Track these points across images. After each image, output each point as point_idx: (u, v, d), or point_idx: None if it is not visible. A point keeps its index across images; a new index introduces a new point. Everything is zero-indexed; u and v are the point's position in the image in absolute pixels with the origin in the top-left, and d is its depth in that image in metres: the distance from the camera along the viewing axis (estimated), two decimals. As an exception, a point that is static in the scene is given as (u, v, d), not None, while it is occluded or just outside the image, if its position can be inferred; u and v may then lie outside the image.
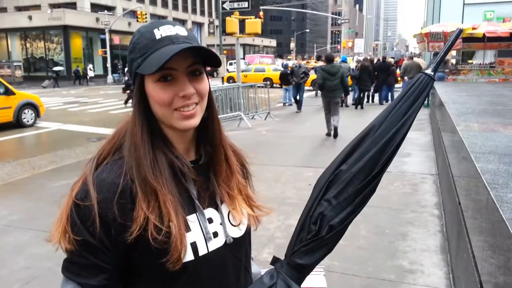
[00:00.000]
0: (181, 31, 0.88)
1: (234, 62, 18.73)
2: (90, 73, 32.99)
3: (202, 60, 0.89)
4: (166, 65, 0.82)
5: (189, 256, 0.86)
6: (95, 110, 15.59)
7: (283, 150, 8.10)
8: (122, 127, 0.94)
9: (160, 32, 0.86)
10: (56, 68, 31.63)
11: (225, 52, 26.43)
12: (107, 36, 33.38)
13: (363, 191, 0.85)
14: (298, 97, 14.13)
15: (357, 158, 0.88)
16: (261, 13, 22.11)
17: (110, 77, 33.51)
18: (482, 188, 2.09)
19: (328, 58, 9.41)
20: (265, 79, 20.66)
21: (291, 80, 14.20)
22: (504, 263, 1.58)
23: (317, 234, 0.84)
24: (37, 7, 37.94)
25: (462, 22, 19.47)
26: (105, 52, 34.19)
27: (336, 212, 0.84)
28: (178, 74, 0.86)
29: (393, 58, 19.42)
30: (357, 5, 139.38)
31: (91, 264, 0.83)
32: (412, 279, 3.21)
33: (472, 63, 15.48)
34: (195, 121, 0.89)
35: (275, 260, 0.89)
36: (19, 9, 39.00)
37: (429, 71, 0.90)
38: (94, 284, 0.83)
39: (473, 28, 13.08)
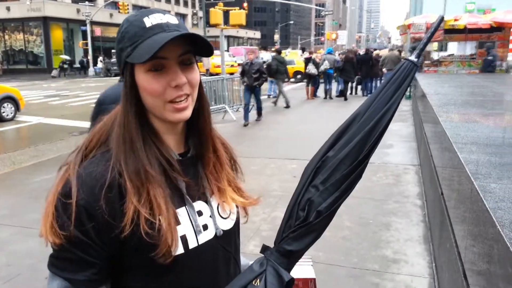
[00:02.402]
0: (171, 19, 0.86)
1: (218, 54, 18.60)
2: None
3: (195, 49, 0.87)
4: (158, 54, 0.79)
5: (179, 250, 0.85)
6: (77, 104, 15.32)
7: (268, 142, 8.10)
8: (109, 118, 0.91)
9: (151, 20, 0.83)
10: (64, 57, 31.95)
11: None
12: (88, 28, 32.72)
13: (349, 176, 0.85)
14: (252, 104, 10.33)
15: (343, 144, 0.88)
16: (245, 4, 21.98)
17: (91, 70, 32.93)
18: (465, 179, 2.12)
19: (278, 50, 13.70)
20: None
21: (242, 81, 10.25)
22: (487, 251, 1.60)
23: (305, 220, 0.84)
24: (15, -3, 37.00)
25: (444, 14, 19.71)
26: (86, 44, 33.54)
27: (323, 197, 0.84)
28: (170, 63, 0.83)
29: (375, 49, 19.50)
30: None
31: (78, 259, 0.81)
32: (396, 269, 3.25)
33: (453, 54, 15.66)
34: (188, 113, 0.88)
35: (264, 248, 0.89)
36: (-4, -1, 37.95)
37: (412, 58, 0.89)
38: (81, 279, 0.81)
39: (455, 20, 13.27)
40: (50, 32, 34.64)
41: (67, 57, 32.74)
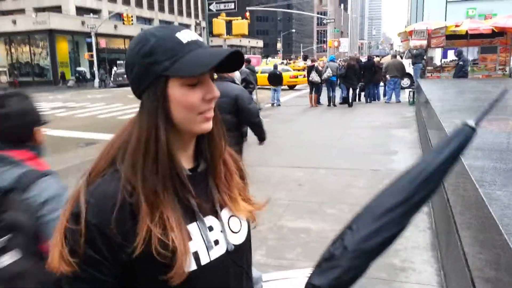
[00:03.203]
0: (197, 36, 0.90)
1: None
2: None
3: (228, 65, 0.91)
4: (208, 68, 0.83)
5: (192, 266, 0.85)
6: (83, 115, 15.43)
7: (273, 150, 8.10)
8: (117, 137, 0.91)
9: (183, 36, 0.86)
10: (79, 69, 33.08)
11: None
12: (93, 40, 33.05)
13: (383, 217, 0.86)
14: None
15: (387, 193, 0.90)
16: (247, 14, 22.10)
17: (97, 81, 33.21)
18: (470, 185, 2.12)
19: (247, 60, 12.65)
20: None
21: None
22: (494, 259, 1.60)
23: (332, 255, 0.85)
24: (21, 11, 37.44)
25: (445, 20, 19.78)
26: (92, 56, 33.86)
27: (353, 236, 0.86)
28: (205, 78, 0.87)
29: (377, 56, 19.56)
30: (342, 5, 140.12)
31: (91, 278, 0.82)
32: (404, 277, 3.24)
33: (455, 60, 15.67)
34: (212, 123, 0.91)
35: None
36: (3, 13, 38.40)
37: (470, 122, 0.87)
38: None
39: (456, 26, 13.28)
40: (55, 45, 35.02)
41: (83, 69, 33.31)
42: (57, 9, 36.76)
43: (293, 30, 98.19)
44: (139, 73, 0.86)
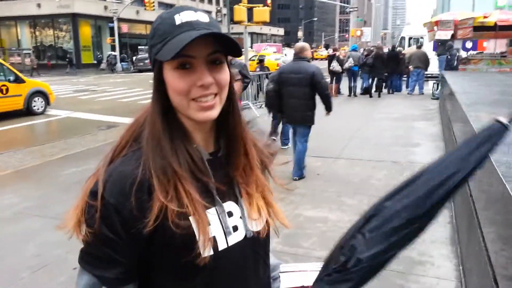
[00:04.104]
0: (202, 17, 0.84)
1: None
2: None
3: (224, 49, 0.85)
4: (185, 52, 0.79)
5: (209, 251, 0.84)
6: (105, 98, 15.64)
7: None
8: (141, 115, 0.91)
9: (181, 17, 0.83)
10: (111, 53, 33.93)
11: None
12: (115, 24, 33.32)
13: (401, 231, 0.80)
14: None
15: (404, 196, 0.82)
16: (269, 1, 21.88)
17: (119, 65, 33.58)
18: (496, 181, 2.06)
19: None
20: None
21: None
22: (519, 256, 1.56)
23: (344, 265, 0.81)
24: (45, -6, 38.00)
25: (473, 10, 19.18)
26: (114, 41, 34.17)
27: (367, 246, 0.80)
28: (197, 62, 0.83)
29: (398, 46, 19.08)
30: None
31: (107, 257, 0.82)
32: (421, 271, 3.19)
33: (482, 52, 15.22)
34: (214, 113, 0.86)
35: None
36: (28, -4, 39.05)
37: (503, 119, 0.81)
38: (110, 277, 0.83)
39: (484, 17, 12.87)
40: (78, 29, 35.48)
41: (114, 53, 33.83)
42: (81, -7, 37.14)
43: (315, 19, 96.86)
44: (149, 56, 0.88)
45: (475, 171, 0.80)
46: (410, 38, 23.73)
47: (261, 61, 14.55)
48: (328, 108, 5.54)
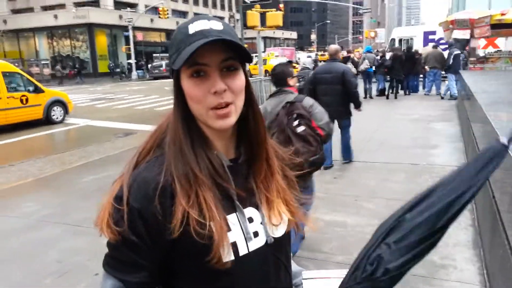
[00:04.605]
0: (215, 25, 0.85)
1: (256, 55, 18.61)
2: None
3: (239, 56, 0.86)
4: (198, 60, 0.81)
5: (229, 257, 0.84)
6: (121, 106, 15.85)
7: (307, 143, 8.03)
8: (164, 122, 0.93)
9: (194, 27, 0.84)
10: (129, 61, 35.25)
11: (246, 46, 26.40)
12: (130, 33, 33.83)
13: (424, 242, 0.85)
14: None
15: (423, 209, 0.87)
16: (281, 6, 21.91)
17: (134, 73, 34.03)
18: (520, 182, 2.01)
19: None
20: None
21: None
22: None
23: (372, 274, 0.83)
24: (62, 6, 38.83)
25: (490, 8, 18.81)
26: (129, 49, 34.69)
27: (394, 256, 0.84)
28: (211, 69, 0.84)
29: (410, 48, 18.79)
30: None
31: (132, 261, 0.83)
32: (444, 275, 3.13)
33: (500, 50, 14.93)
34: (231, 121, 0.87)
35: None
36: (45, 8, 39.96)
37: (503, 140, 0.85)
38: (134, 281, 0.84)
39: (502, 14, 12.61)
40: (95, 38, 36.17)
41: (130, 61, 34.78)
42: (96, 3, 37.88)
43: (328, 21, 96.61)
44: (169, 68, 0.92)
45: (481, 187, 0.86)
46: (400, 40, 23.85)
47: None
48: (356, 105, 6.05)
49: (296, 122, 3.11)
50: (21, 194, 5.67)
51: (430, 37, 22.34)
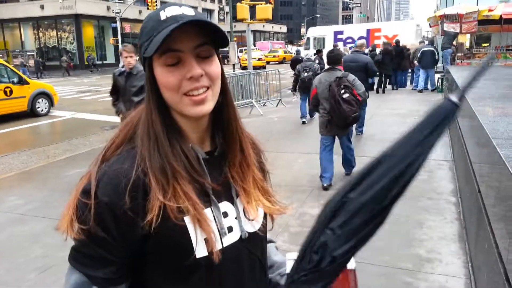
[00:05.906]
0: (187, 11, 0.82)
1: (245, 49, 18.56)
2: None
3: (212, 42, 0.83)
4: (171, 46, 0.78)
5: (203, 252, 0.82)
6: (108, 99, 15.60)
7: (295, 137, 8.04)
8: (135, 115, 0.90)
9: (166, 13, 0.81)
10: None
11: (235, 39, 26.24)
12: (118, 25, 33.35)
13: (369, 223, 0.78)
14: None
15: (367, 186, 0.78)
16: (271, -2, 21.81)
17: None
18: (506, 177, 2.02)
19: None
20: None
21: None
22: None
23: (318, 265, 0.78)
24: (48, -4, 38.12)
25: (477, 4, 18.98)
26: (117, 41, 34.22)
27: (339, 243, 0.77)
28: (185, 55, 0.81)
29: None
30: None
31: (99, 256, 0.80)
32: (430, 268, 3.15)
33: (487, 46, 15.09)
34: (207, 107, 0.84)
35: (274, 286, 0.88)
36: (31, -2, 39.19)
37: (453, 98, 0.79)
38: (100, 276, 0.81)
39: (489, 10, 12.74)
40: (82, 29, 35.54)
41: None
42: (83, -6, 37.22)
43: (318, 15, 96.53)
44: (139, 57, 0.87)
45: (429, 153, 0.78)
46: (314, 38, 26.04)
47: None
48: (371, 75, 7.57)
49: (343, 91, 4.69)
50: (4, 188, 5.57)
51: (339, 36, 25.48)
